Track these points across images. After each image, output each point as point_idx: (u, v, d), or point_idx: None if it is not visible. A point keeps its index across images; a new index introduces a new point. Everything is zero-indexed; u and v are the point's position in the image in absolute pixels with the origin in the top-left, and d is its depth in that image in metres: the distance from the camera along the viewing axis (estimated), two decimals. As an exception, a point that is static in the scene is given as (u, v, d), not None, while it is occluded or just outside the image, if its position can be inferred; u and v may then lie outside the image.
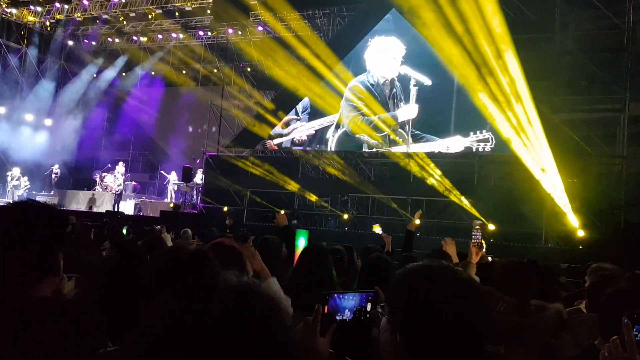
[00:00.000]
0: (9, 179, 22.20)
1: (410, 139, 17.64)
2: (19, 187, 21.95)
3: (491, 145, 16.40)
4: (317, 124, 19.47)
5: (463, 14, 15.14)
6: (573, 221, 14.28)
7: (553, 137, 14.70)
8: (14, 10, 23.54)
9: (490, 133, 16.39)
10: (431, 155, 17.24)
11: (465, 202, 16.08)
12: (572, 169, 14.77)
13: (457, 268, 1.52)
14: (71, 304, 2.24)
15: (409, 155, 17.61)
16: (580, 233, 14.08)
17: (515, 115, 14.97)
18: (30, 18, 24.28)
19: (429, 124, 17.54)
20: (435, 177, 16.76)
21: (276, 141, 20.11)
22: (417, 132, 17.65)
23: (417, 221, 7.20)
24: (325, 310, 1.76)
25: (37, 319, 1.60)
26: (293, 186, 18.73)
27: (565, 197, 14.36)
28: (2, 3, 23.07)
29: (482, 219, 14.64)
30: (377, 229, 15.17)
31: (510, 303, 3.39)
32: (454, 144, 17.01)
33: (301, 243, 6.21)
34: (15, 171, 22.12)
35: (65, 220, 1.90)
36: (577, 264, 9.21)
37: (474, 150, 16.63)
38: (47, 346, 1.57)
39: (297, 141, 19.78)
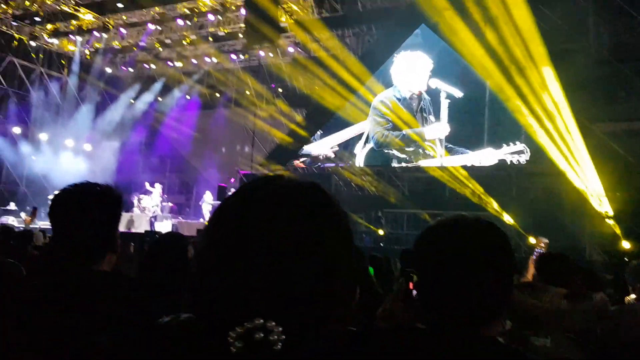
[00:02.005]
0: (50, 202, 22.76)
1: (443, 152, 17.49)
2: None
3: (526, 157, 16.12)
4: (341, 137, 19.52)
5: (496, 25, 15.06)
6: (617, 233, 13.86)
7: (593, 148, 14.37)
8: (55, 41, 24.41)
9: (524, 144, 16.13)
10: (466, 168, 17.02)
11: (506, 217, 15.76)
12: (615, 180, 14.37)
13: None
14: (130, 278, 2.36)
15: (442, 169, 17.44)
16: (626, 245, 13.64)
17: (554, 126, 14.70)
18: (71, 47, 25.12)
19: (461, 136, 17.38)
20: (471, 191, 16.51)
21: (303, 159, 20.27)
22: (450, 144, 17.50)
23: None
24: (411, 286, 1.89)
25: (101, 290, 1.70)
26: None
27: (609, 209, 13.97)
28: (44, 34, 23.94)
29: (522, 231, 14.33)
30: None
31: (555, 292, 3.30)
32: (487, 156, 16.79)
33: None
34: (57, 195, 22.66)
35: (122, 200, 1.97)
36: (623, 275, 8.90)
37: (509, 162, 16.36)
38: (111, 315, 1.63)
39: (322, 157, 19.88)
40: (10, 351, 1.61)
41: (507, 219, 15.66)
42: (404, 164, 18.34)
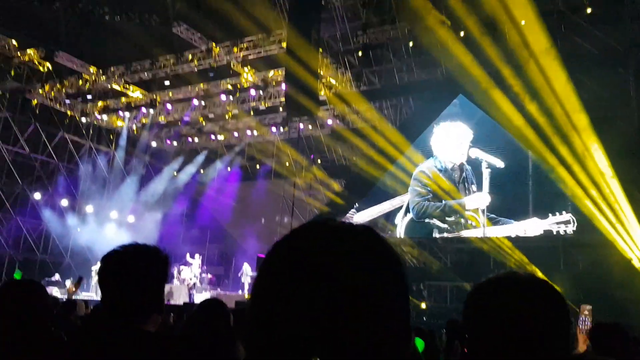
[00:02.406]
0: (93, 273, 23.12)
1: (486, 222, 17.15)
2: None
3: (573, 227, 15.65)
4: (381, 209, 19.43)
5: (535, 94, 15.05)
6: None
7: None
8: (105, 117, 25.56)
9: (570, 214, 15.70)
10: (511, 239, 16.60)
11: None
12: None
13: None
14: (176, 339, 2.34)
15: (486, 239, 17.04)
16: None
17: (601, 195, 14.31)
18: (119, 123, 26.23)
19: (504, 206, 17.07)
20: (516, 262, 16.01)
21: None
22: (493, 215, 17.17)
23: None
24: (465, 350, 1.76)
25: (147, 351, 1.72)
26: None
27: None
28: (94, 111, 25.12)
29: (570, 303, 13.65)
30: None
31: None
32: (531, 226, 16.37)
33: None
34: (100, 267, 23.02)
35: (169, 261, 1.98)
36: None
37: (555, 233, 15.89)
38: None
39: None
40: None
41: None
42: (445, 235, 18.02)
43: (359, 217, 20.09)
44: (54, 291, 19.96)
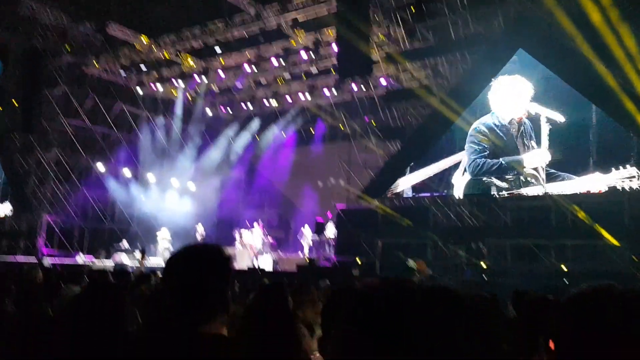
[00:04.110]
0: (158, 239, 24.06)
1: (545, 179, 16.67)
2: (169, 248, 23.71)
3: (639, 181, 15.01)
4: (437, 168, 19.17)
5: (603, 46, 14.24)
6: None
7: None
8: (160, 87, 26.05)
9: (635, 168, 15.06)
10: (572, 196, 16.09)
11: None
12: None
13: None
14: (236, 340, 2.35)
15: (547, 196, 16.59)
16: None
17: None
18: (174, 92, 26.72)
19: (565, 161, 16.50)
20: (579, 218, 15.54)
21: (397, 190, 20.13)
22: (552, 170, 16.65)
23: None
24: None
25: (211, 355, 1.72)
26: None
27: None
28: (149, 81, 25.62)
29: (637, 260, 13.23)
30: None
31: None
32: (594, 182, 15.80)
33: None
34: (165, 232, 23.94)
35: (231, 261, 2.00)
36: None
37: (620, 189, 15.29)
38: None
39: (416, 187, 19.67)
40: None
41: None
42: (504, 193, 17.63)
43: (414, 177, 19.88)
44: (123, 257, 20.94)
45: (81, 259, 22.29)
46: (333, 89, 23.93)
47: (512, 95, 17.63)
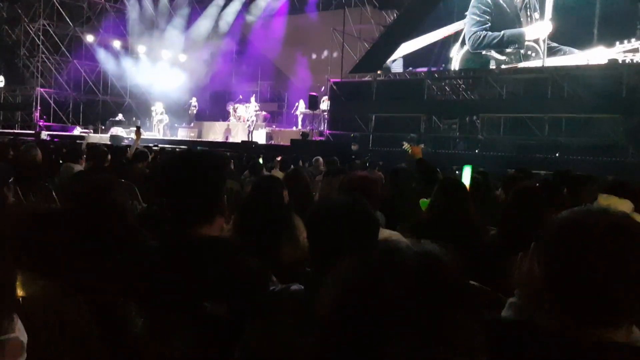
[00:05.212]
0: (153, 113, 24.03)
1: (546, 53, 16.36)
2: (163, 121, 23.78)
3: (640, 56, 14.78)
4: (434, 37, 18.63)
5: None
6: None
7: None
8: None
9: (639, 42, 14.75)
10: (570, 69, 15.89)
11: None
12: None
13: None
14: (237, 242, 2.42)
15: (544, 69, 16.39)
16: None
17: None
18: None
19: (568, 34, 16.06)
20: (575, 92, 15.48)
21: (394, 61, 19.79)
22: (554, 44, 16.28)
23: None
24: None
25: (211, 257, 1.74)
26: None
27: None
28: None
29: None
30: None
31: None
32: (596, 55, 15.52)
33: (466, 173, 5.98)
34: (159, 106, 23.86)
35: (226, 163, 2.02)
36: None
37: (620, 61, 15.06)
38: (222, 283, 1.68)
39: (407, 58, 19.28)
40: (125, 314, 1.73)
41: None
42: (503, 66, 17.36)
43: (409, 45, 19.37)
44: (119, 131, 21.00)
45: (78, 132, 22.43)
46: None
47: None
